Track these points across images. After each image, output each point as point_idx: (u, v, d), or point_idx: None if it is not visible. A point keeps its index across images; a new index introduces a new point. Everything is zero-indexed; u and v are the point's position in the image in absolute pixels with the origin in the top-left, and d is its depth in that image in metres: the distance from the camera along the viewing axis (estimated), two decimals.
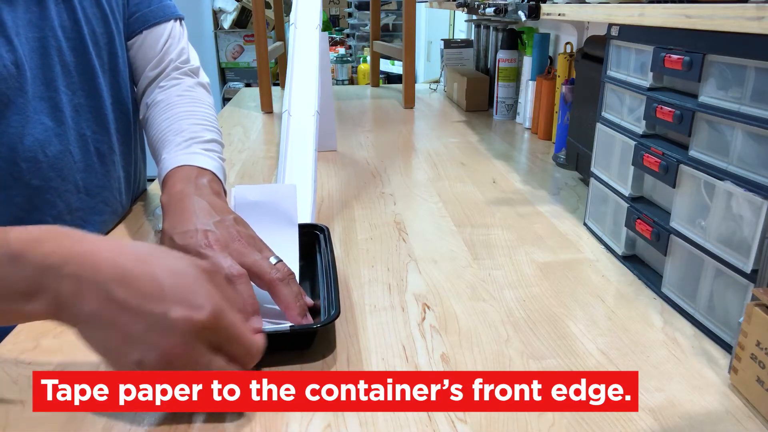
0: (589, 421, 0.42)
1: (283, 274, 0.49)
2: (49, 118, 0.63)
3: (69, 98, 0.66)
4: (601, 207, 0.73)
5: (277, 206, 0.62)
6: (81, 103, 0.68)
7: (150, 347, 0.36)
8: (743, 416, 0.43)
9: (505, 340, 0.52)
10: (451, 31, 2.84)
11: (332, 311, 0.50)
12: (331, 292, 0.52)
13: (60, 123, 0.64)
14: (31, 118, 0.61)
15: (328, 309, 0.51)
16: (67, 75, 0.65)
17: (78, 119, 0.67)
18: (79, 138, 0.67)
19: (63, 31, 0.65)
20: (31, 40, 0.61)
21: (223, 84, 4.01)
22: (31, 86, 0.61)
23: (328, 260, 0.58)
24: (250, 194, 0.62)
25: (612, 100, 0.70)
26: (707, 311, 0.53)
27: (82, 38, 0.67)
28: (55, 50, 0.64)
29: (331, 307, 0.51)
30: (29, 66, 0.61)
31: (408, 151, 1.15)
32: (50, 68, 0.63)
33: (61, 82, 0.65)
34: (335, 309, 0.50)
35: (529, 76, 1.29)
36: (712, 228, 0.52)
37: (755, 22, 0.43)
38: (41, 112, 0.62)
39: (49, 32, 0.63)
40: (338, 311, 0.49)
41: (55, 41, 0.64)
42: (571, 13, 0.81)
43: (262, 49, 1.43)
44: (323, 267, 0.58)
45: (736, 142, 0.49)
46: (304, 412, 0.43)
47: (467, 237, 0.74)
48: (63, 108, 0.65)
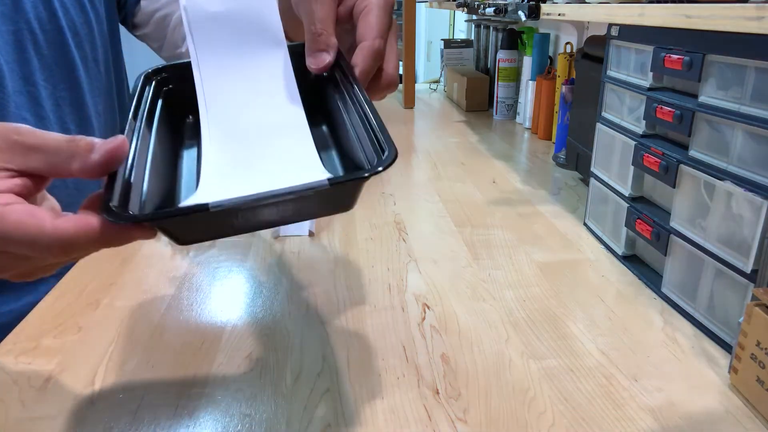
0: (589, 421, 0.42)
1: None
2: (30, 113, 0.63)
3: (50, 92, 0.65)
4: (601, 207, 0.73)
5: (249, 16, 0.42)
6: (63, 96, 0.67)
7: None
8: (743, 416, 0.43)
9: (505, 340, 0.52)
10: (451, 31, 2.84)
11: (384, 153, 0.33)
12: (375, 129, 0.35)
13: (41, 118, 0.64)
14: (13, 114, 0.61)
15: (377, 152, 0.34)
16: (45, 68, 0.65)
17: (60, 113, 0.67)
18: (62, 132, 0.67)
19: (39, 23, 0.63)
20: (4, 33, 0.60)
21: None
22: (10, 81, 0.61)
23: (351, 90, 0.39)
24: (206, 3, 0.42)
25: (612, 100, 0.70)
26: (707, 311, 0.53)
27: (59, 30, 0.66)
28: (30, 43, 0.63)
29: (381, 148, 0.33)
30: (5, 60, 0.60)
31: (408, 151, 1.15)
32: (27, 62, 0.63)
33: (39, 75, 0.64)
34: (389, 148, 0.33)
35: (529, 76, 1.29)
36: (712, 228, 0.52)
37: (755, 22, 0.43)
38: (22, 107, 0.62)
39: (23, 25, 0.62)
40: (395, 151, 0.32)
41: (31, 34, 0.63)
42: (571, 13, 0.81)
43: None
44: (345, 102, 0.40)
45: (736, 142, 0.49)
46: (304, 410, 0.43)
47: (467, 237, 0.74)
48: (43, 102, 0.64)
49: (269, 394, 0.45)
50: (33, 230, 0.30)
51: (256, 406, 0.44)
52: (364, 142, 0.36)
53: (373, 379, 0.47)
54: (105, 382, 0.46)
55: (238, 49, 0.42)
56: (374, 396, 0.45)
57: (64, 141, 0.32)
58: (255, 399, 0.45)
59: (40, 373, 0.47)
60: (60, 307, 0.56)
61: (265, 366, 0.48)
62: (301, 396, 0.45)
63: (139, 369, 0.48)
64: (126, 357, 0.49)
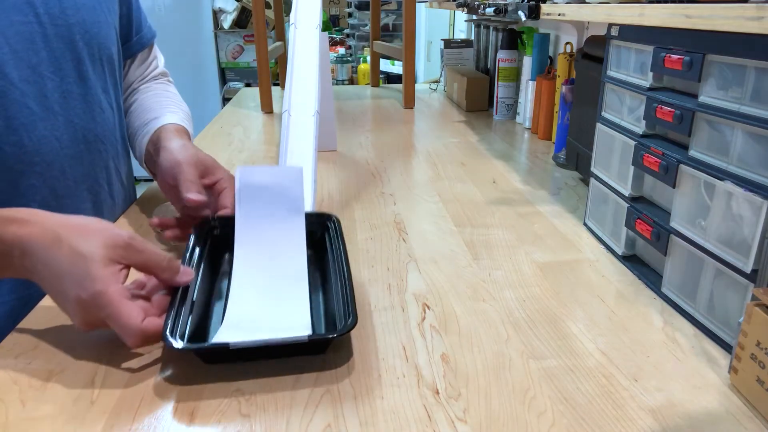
0: (589, 421, 0.42)
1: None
2: (35, 102, 0.64)
3: (56, 84, 0.66)
4: (601, 207, 0.73)
5: (283, 190, 0.60)
6: (70, 90, 0.68)
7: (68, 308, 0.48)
8: (743, 416, 0.43)
9: (505, 340, 0.52)
10: (451, 31, 2.84)
11: (349, 319, 0.48)
12: (347, 298, 0.51)
13: (46, 108, 0.65)
14: (17, 102, 0.62)
15: (345, 316, 0.49)
16: (53, 61, 0.66)
17: (66, 106, 0.68)
18: (66, 124, 0.68)
19: (49, 17, 0.65)
20: (15, 23, 0.62)
21: (223, 84, 4.01)
22: (15, 69, 0.62)
23: (340, 255, 0.56)
24: (255, 176, 0.60)
25: (612, 100, 0.70)
26: (707, 311, 0.53)
27: (69, 26, 0.67)
28: (39, 35, 0.64)
29: (347, 314, 0.49)
30: (12, 49, 0.61)
31: (408, 151, 1.15)
32: (35, 53, 0.64)
33: (46, 67, 0.65)
34: (352, 317, 0.48)
35: (529, 76, 1.29)
36: (712, 228, 0.52)
37: (755, 22, 0.43)
38: (27, 96, 0.63)
39: (33, 18, 0.64)
40: (355, 320, 0.48)
41: (40, 26, 0.64)
42: (571, 13, 0.81)
43: (262, 49, 1.43)
44: (335, 264, 0.56)
45: (736, 142, 0.49)
46: (304, 410, 0.43)
47: (467, 237, 0.74)
48: (48, 94, 0.65)
49: (269, 395, 0.45)
50: (127, 323, 0.46)
51: (256, 406, 0.44)
52: (339, 298, 0.52)
53: (373, 379, 0.47)
54: (105, 382, 0.46)
55: (270, 211, 0.60)
56: (374, 396, 0.45)
57: (165, 258, 0.50)
58: (255, 399, 0.45)
59: (40, 373, 0.47)
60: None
61: (265, 366, 0.48)
62: (301, 396, 0.45)
63: (138, 369, 0.48)
64: (126, 357, 0.49)
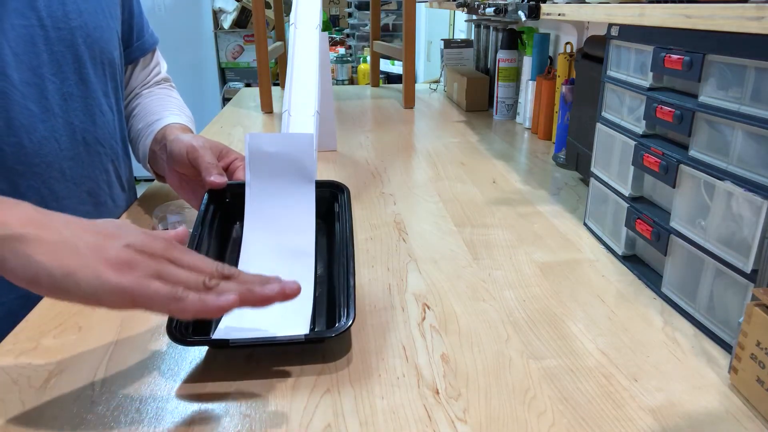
0: (589, 421, 0.42)
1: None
2: (36, 104, 0.64)
3: (57, 86, 0.67)
4: (601, 207, 0.73)
5: (293, 158, 0.58)
6: (70, 92, 0.69)
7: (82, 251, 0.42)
8: (743, 416, 0.43)
9: (505, 340, 0.52)
10: (451, 31, 2.84)
11: (348, 318, 0.48)
12: (349, 293, 0.50)
13: (46, 110, 0.65)
14: (18, 103, 0.62)
15: (345, 313, 0.49)
16: (54, 63, 0.66)
17: (66, 107, 0.68)
18: (66, 126, 0.68)
19: (52, 21, 0.66)
20: (16, 26, 0.62)
21: (223, 84, 4.01)
22: (16, 71, 0.62)
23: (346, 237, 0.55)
24: (264, 143, 0.58)
25: (612, 100, 0.70)
26: (707, 311, 0.53)
27: (71, 30, 0.68)
28: (41, 38, 0.65)
29: (349, 310, 0.49)
30: (13, 51, 0.62)
31: (408, 151, 1.15)
32: (36, 55, 0.64)
33: (47, 69, 0.66)
34: (350, 316, 0.48)
35: (529, 76, 1.29)
36: (712, 228, 0.52)
37: (755, 22, 0.43)
38: (28, 97, 0.63)
39: (35, 21, 0.64)
40: (353, 318, 0.48)
41: (42, 30, 0.65)
42: (571, 13, 0.81)
43: (262, 49, 1.43)
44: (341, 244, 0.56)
45: (736, 142, 0.49)
46: (304, 410, 0.43)
47: (467, 237, 0.74)
48: (49, 96, 0.66)
49: (269, 395, 0.45)
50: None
51: (256, 406, 0.44)
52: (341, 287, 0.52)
53: (373, 379, 0.47)
54: (105, 382, 0.46)
55: (280, 179, 0.58)
56: (374, 396, 0.45)
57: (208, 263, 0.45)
58: (255, 399, 0.45)
59: (40, 373, 0.47)
60: (60, 307, 0.56)
61: (266, 366, 0.48)
62: (301, 396, 0.45)
63: (139, 369, 0.48)
64: (126, 357, 0.49)
